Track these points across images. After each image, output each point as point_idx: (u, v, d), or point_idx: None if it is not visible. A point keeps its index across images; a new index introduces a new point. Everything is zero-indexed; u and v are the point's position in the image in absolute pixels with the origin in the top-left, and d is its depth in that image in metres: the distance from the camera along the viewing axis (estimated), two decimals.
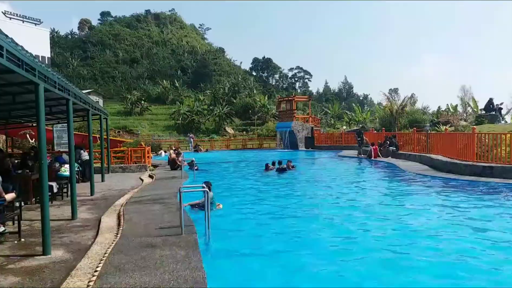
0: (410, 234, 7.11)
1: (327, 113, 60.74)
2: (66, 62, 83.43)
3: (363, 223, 8.03)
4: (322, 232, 7.55)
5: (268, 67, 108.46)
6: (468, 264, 5.56)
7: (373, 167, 19.26)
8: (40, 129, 5.89)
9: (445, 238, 6.77)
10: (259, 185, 14.12)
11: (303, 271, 5.57)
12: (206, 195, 6.87)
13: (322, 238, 7.12)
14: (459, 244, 6.48)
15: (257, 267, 5.73)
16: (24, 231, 6.95)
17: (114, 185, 13.73)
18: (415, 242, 6.61)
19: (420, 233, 7.13)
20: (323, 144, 35.05)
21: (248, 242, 6.96)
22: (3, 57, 4.62)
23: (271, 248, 6.55)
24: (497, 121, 26.45)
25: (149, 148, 22.63)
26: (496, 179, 12.20)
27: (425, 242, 6.55)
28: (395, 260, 5.87)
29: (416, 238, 6.84)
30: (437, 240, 6.66)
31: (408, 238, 6.87)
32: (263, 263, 5.90)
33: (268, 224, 8.23)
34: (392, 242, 6.70)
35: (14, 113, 12.03)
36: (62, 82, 7.37)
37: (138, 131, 46.43)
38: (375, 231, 7.39)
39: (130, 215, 8.11)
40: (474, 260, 5.72)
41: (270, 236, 7.36)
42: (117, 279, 4.53)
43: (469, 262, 5.65)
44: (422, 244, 6.47)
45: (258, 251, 6.41)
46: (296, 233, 7.50)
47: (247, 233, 7.59)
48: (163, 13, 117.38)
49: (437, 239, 6.71)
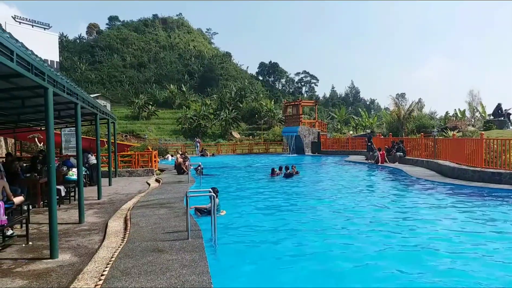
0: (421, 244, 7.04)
1: (334, 118, 60.69)
2: (74, 66, 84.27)
3: (368, 235, 7.96)
4: (329, 238, 7.51)
5: (275, 72, 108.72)
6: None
7: (381, 172, 19.15)
8: (49, 133, 5.92)
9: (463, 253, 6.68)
10: (266, 191, 14.09)
11: (306, 273, 5.55)
12: (213, 200, 6.86)
13: (329, 244, 7.07)
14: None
15: (263, 272, 5.71)
16: (32, 235, 6.99)
17: (121, 189, 13.78)
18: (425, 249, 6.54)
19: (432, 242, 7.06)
20: (330, 149, 34.95)
21: (255, 248, 6.93)
22: (13, 61, 4.66)
23: (277, 253, 6.53)
24: (505, 127, 26.24)
25: (156, 152, 22.70)
26: (505, 186, 12.07)
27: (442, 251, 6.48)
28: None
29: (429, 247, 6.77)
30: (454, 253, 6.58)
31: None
32: (270, 267, 5.87)
33: (274, 230, 8.19)
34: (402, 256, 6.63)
35: (23, 117, 12.12)
36: (71, 86, 7.43)
37: (145, 135, 46.66)
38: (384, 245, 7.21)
39: (137, 219, 8.12)
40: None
41: (276, 241, 7.32)
42: (123, 283, 4.53)
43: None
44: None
45: (264, 256, 6.39)
46: (301, 237, 7.47)
47: (253, 238, 7.56)
48: (171, 18, 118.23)
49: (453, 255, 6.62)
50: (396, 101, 38.99)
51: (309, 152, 35.46)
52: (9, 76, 5.71)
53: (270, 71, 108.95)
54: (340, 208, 10.39)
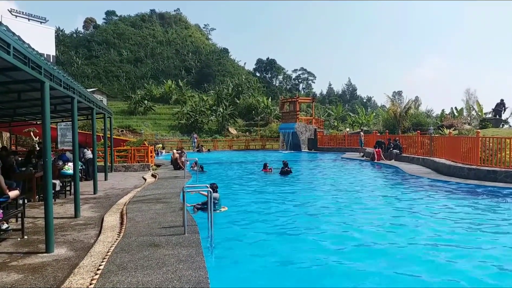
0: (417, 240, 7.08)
1: (331, 115, 60.72)
2: (70, 61, 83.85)
3: (365, 229, 8.00)
4: (324, 232, 7.53)
5: (272, 68, 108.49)
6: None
7: (377, 169, 19.21)
8: (45, 127, 5.89)
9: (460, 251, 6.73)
10: (262, 187, 14.11)
11: (303, 269, 5.57)
12: (210, 195, 6.87)
13: (324, 238, 7.10)
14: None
15: (259, 268, 5.72)
16: (27, 229, 6.98)
17: (117, 184, 13.75)
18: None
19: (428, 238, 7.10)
20: (326, 146, 35.01)
21: (251, 243, 6.94)
22: (10, 54, 4.64)
23: (273, 249, 6.56)
24: (500, 124, 26.33)
25: (152, 147, 22.65)
26: (499, 184, 12.16)
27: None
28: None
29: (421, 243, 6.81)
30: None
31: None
32: (265, 263, 5.89)
33: (271, 226, 8.21)
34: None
35: (19, 111, 12.07)
36: (68, 80, 7.39)
37: (141, 130, 46.51)
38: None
39: (133, 214, 8.11)
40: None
41: (272, 237, 7.35)
42: (119, 278, 4.53)
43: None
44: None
45: (261, 252, 6.40)
46: (297, 231, 7.50)
47: (249, 234, 7.56)
48: (168, 13, 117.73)
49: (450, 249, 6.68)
50: (392, 99, 39.10)
51: (305, 149, 35.51)
52: (5, 69, 5.68)
53: (267, 68, 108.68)
54: (336, 204, 10.43)
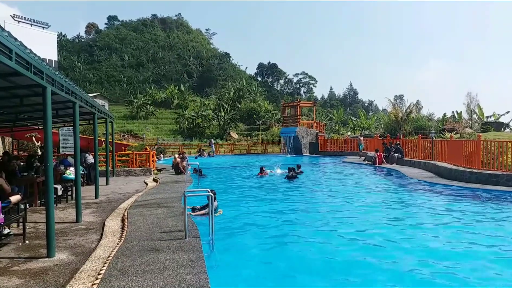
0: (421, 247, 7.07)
1: (332, 119, 60.74)
2: (72, 66, 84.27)
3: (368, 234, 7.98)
4: (329, 236, 7.52)
5: (274, 72, 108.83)
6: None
7: (378, 173, 19.17)
8: (47, 132, 5.91)
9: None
10: (263, 190, 14.09)
11: (304, 272, 5.56)
12: (211, 200, 6.87)
13: (328, 240, 7.09)
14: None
15: (260, 272, 5.71)
16: (28, 233, 6.99)
17: (119, 188, 13.76)
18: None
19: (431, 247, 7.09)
20: (328, 150, 35.00)
21: (251, 247, 6.93)
22: (12, 60, 4.66)
23: (273, 252, 6.54)
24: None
25: (153, 152, 22.67)
26: (502, 187, 12.13)
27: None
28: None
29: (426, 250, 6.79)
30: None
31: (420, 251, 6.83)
32: (266, 267, 5.88)
33: (271, 229, 8.19)
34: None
35: (21, 116, 12.10)
36: (69, 85, 7.42)
37: (143, 135, 46.60)
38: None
39: (134, 219, 8.11)
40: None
41: (272, 240, 7.33)
42: (120, 282, 4.53)
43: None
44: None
45: (261, 256, 6.39)
46: (296, 236, 7.48)
47: (250, 238, 7.55)
48: (170, 18, 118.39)
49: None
50: (393, 102, 39.10)
51: (307, 153, 35.49)
52: (7, 75, 5.70)
53: (269, 72, 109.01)
54: (338, 208, 10.40)
